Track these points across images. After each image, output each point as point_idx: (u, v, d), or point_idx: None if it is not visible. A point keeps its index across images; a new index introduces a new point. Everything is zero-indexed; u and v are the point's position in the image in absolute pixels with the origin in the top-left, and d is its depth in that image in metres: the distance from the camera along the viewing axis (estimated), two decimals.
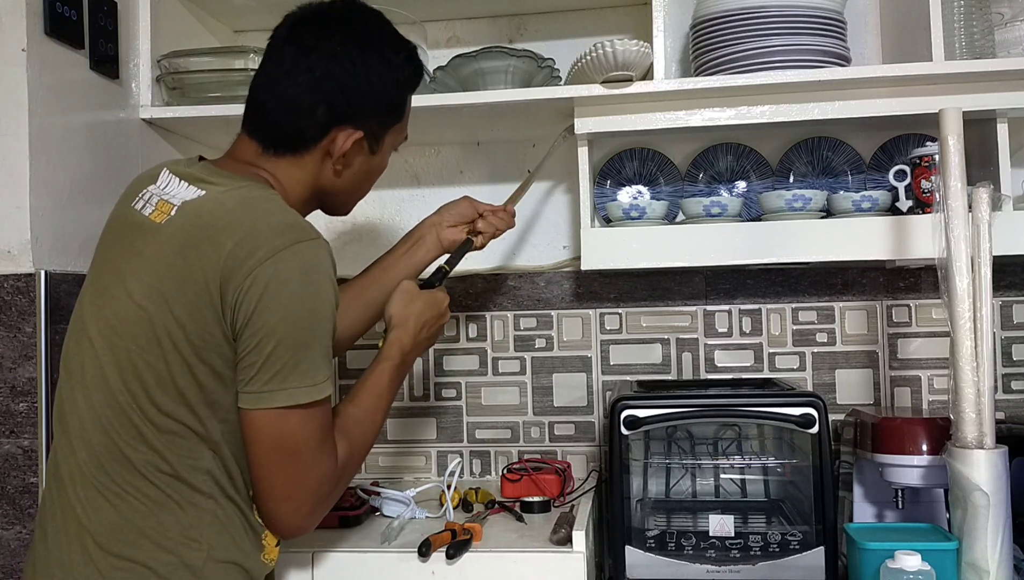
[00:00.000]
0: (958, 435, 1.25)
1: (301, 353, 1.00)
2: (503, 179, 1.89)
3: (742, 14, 1.50)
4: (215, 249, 0.99)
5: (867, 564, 1.26)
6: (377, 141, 1.18)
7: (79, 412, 1.04)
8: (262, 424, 1.00)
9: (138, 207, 1.09)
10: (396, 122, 1.20)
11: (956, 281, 1.26)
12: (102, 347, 1.03)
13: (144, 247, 1.04)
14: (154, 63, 1.62)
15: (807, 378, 1.78)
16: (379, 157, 1.21)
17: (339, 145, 1.12)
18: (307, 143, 1.12)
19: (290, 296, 0.99)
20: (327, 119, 1.11)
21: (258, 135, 1.13)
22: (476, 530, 1.39)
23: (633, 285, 1.83)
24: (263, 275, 0.98)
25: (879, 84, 1.51)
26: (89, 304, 1.07)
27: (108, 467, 1.01)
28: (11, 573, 1.30)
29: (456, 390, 1.88)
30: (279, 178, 1.13)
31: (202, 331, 0.99)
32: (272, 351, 0.99)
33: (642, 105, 1.57)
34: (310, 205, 1.19)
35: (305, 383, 1.00)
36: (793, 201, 1.54)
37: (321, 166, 1.14)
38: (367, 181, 1.23)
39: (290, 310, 0.99)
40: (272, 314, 0.98)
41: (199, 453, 1.02)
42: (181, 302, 0.99)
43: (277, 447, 1.01)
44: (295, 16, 1.16)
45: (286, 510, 1.04)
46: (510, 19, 1.87)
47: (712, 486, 1.65)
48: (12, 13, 1.30)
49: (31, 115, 1.31)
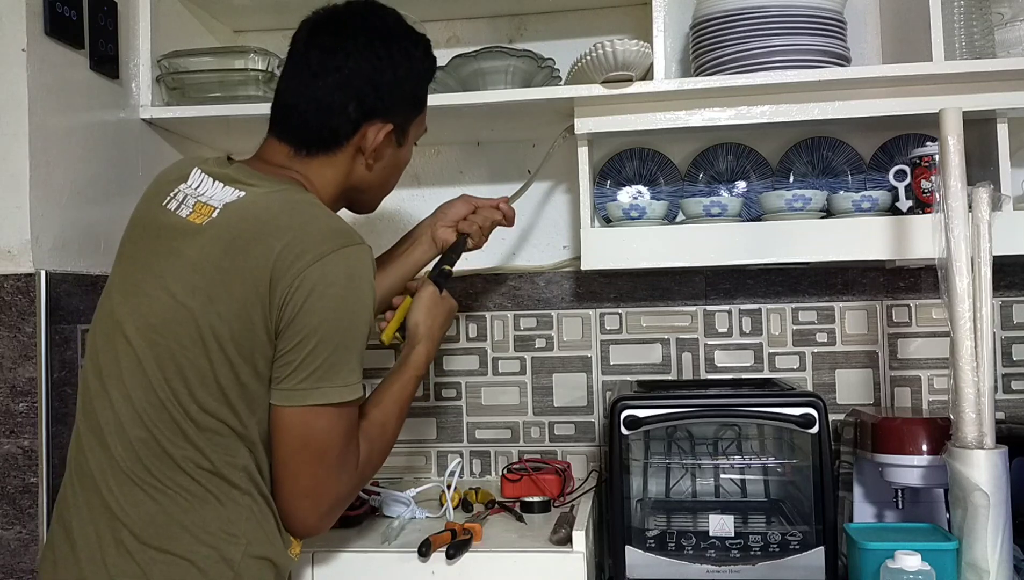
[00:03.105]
0: (958, 435, 1.25)
1: (339, 354, 1.03)
2: (503, 179, 1.89)
3: (742, 14, 1.50)
4: (264, 250, 1.01)
5: (867, 564, 1.26)
6: (403, 133, 1.22)
7: (114, 407, 1.05)
8: (293, 422, 1.03)
9: (171, 207, 1.10)
10: (419, 113, 1.25)
11: (956, 281, 1.26)
12: (141, 345, 1.04)
13: (184, 248, 1.05)
14: (154, 63, 1.62)
15: (807, 378, 1.78)
16: (405, 150, 1.25)
17: (371, 139, 1.16)
18: (340, 141, 1.15)
19: (334, 298, 1.02)
20: (358, 115, 1.15)
21: (289, 137, 1.16)
22: (476, 530, 1.39)
23: (633, 285, 1.83)
24: (311, 277, 1.01)
25: (879, 84, 1.51)
26: (121, 302, 1.08)
27: (147, 462, 1.02)
28: (11, 573, 1.30)
29: (456, 390, 1.88)
30: (311, 179, 1.15)
31: (247, 331, 1.01)
32: (312, 351, 1.01)
33: (642, 105, 1.57)
34: (339, 204, 1.22)
35: (338, 383, 1.03)
36: (793, 201, 1.54)
37: (353, 163, 1.18)
38: (394, 175, 1.27)
39: (333, 312, 1.02)
40: (315, 315, 1.01)
41: (237, 450, 1.04)
42: (227, 302, 1.01)
43: (305, 445, 1.03)
44: (313, 20, 1.19)
45: (305, 508, 1.06)
46: (510, 19, 1.87)
47: (712, 486, 1.65)
48: (12, 13, 1.30)
49: (31, 115, 1.31)
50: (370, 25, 1.18)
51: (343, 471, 1.07)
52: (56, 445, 1.31)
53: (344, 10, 1.20)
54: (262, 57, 1.62)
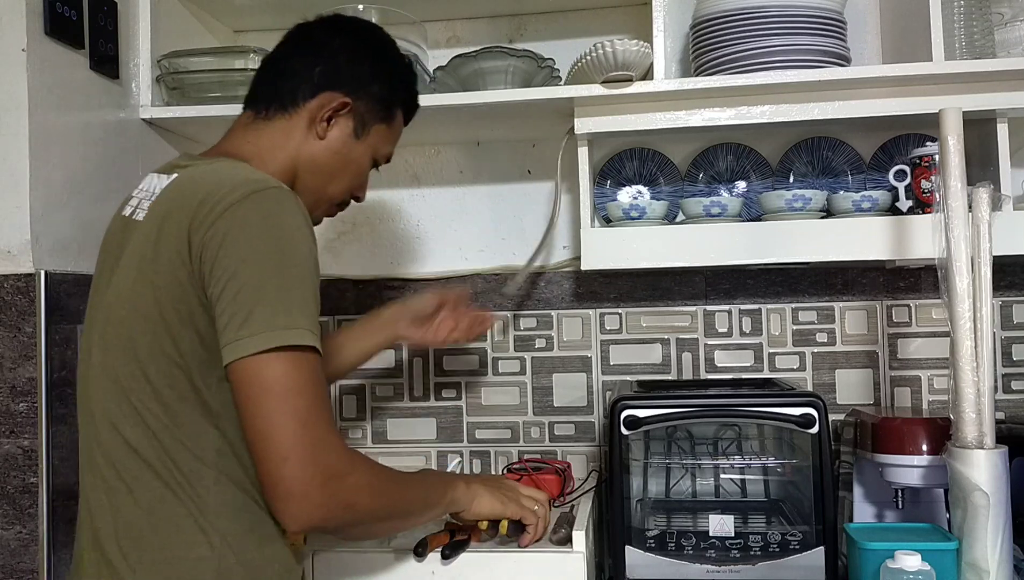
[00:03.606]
0: (958, 435, 1.25)
1: (271, 295, 0.95)
2: (503, 179, 1.89)
3: (742, 14, 1.50)
4: (183, 211, 1.00)
5: (867, 564, 1.26)
6: (363, 126, 1.21)
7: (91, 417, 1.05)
8: (245, 376, 0.94)
9: (126, 213, 1.12)
10: (383, 121, 1.23)
11: (956, 281, 1.26)
12: (101, 346, 1.04)
13: (128, 243, 1.06)
14: (154, 63, 1.62)
15: (807, 378, 1.78)
16: (361, 147, 1.21)
17: (326, 105, 1.16)
18: (296, 101, 1.16)
19: (250, 238, 0.96)
20: (320, 80, 1.16)
21: (253, 103, 1.19)
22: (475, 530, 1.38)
23: (633, 285, 1.83)
24: (223, 224, 0.96)
25: (879, 84, 1.51)
26: (88, 315, 1.11)
27: (119, 465, 1.02)
28: (11, 573, 1.30)
29: (456, 390, 1.88)
30: (262, 145, 1.15)
31: (181, 294, 0.98)
32: (237, 295, 0.94)
33: (642, 105, 1.57)
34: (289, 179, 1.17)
35: (279, 326, 0.94)
36: (793, 201, 1.54)
37: (306, 132, 1.17)
38: (344, 170, 1.21)
39: (252, 251, 0.95)
40: (232, 258, 0.95)
41: (204, 434, 1.00)
42: (159, 271, 0.99)
43: (265, 398, 0.93)
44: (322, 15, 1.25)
45: (288, 473, 0.93)
46: (510, 19, 1.87)
47: (712, 486, 1.65)
48: (12, 13, 1.30)
49: (31, 115, 1.31)
50: (358, 27, 1.24)
51: (324, 432, 0.95)
52: (56, 445, 1.31)
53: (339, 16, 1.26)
54: (262, 57, 1.61)
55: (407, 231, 1.91)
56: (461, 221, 1.90)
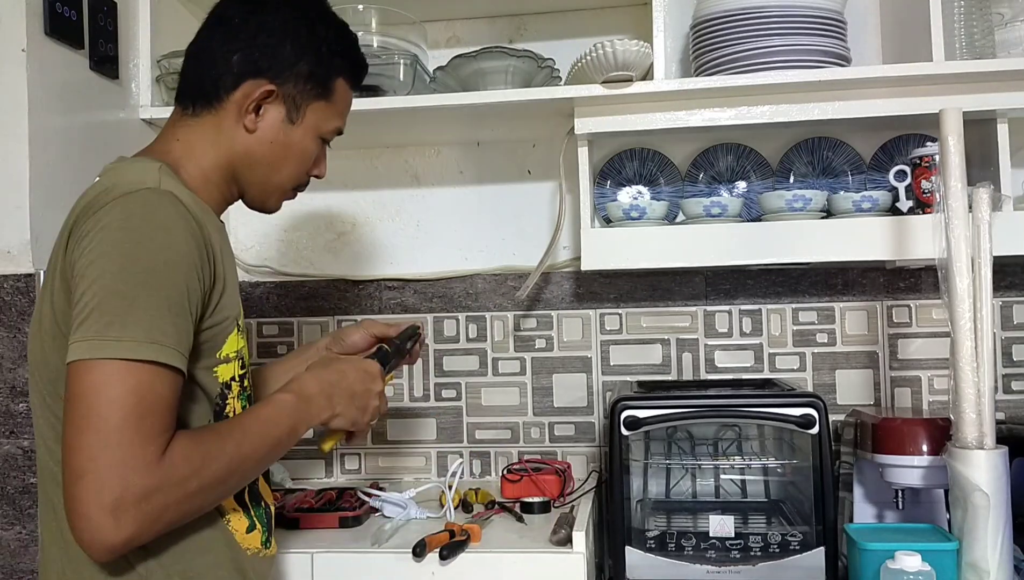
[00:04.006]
0: (958, 435, 1.25)
1: (116, 302, 0.88)
2: (503, 179, 1.89)
3: (742, 14, 1.50)
4: (72, 217, 0.98)
5: (867, 564, 1.26)
6: (296, 109, 1.12)
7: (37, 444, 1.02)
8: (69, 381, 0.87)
9: None
10: (320, 98, 1.13)
11: (956, 281, 1.26)
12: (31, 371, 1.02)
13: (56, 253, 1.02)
14: (154, 63, 1.62)
15: (807, 378, 1.78)
16: (299, 132, 1.12)
17: (250, 96, 1.08)
18: (219, 94, 1.08)
19: (101, 242, 0.90)
20: (240, 68, 1.08)
21: (180, 97, 1.12)
22: (474, 531, 1.39)
23: (633, 285, 1.83)
24: (87, 226, 0.92)
25: (879, 84, 1.51)
26: None
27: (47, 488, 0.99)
28: (11, 573, 1.30)
29: (456, 390, 1.88)
30: (193, 143, 1.09)
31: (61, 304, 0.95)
32: (82, 298, 0.89)
33: (642, 105, 1.57)
34: (229, 182, 1.12)
35: (111, 335, 0.86)
36: (793, 201, 1.54)
37: (235, 128, 1.09)
38: (285, 157, 1.13)
39: (101, 255, 0.90)
40: (85, 260, 0.90)
41: None
42: (52, 285, 0.97)
43: (77, 408, 0.86)
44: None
45: (79, 493, 0.83)
46: (510, 19, 1.87)
47: (712, 486, 1.65)
48: (12, 13, 1.30)
49: (31, 115, 1.31)
50: None
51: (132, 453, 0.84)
52: None
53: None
54: None
55: (407, 231, 1.91)
56: (461, 221, 1.90)
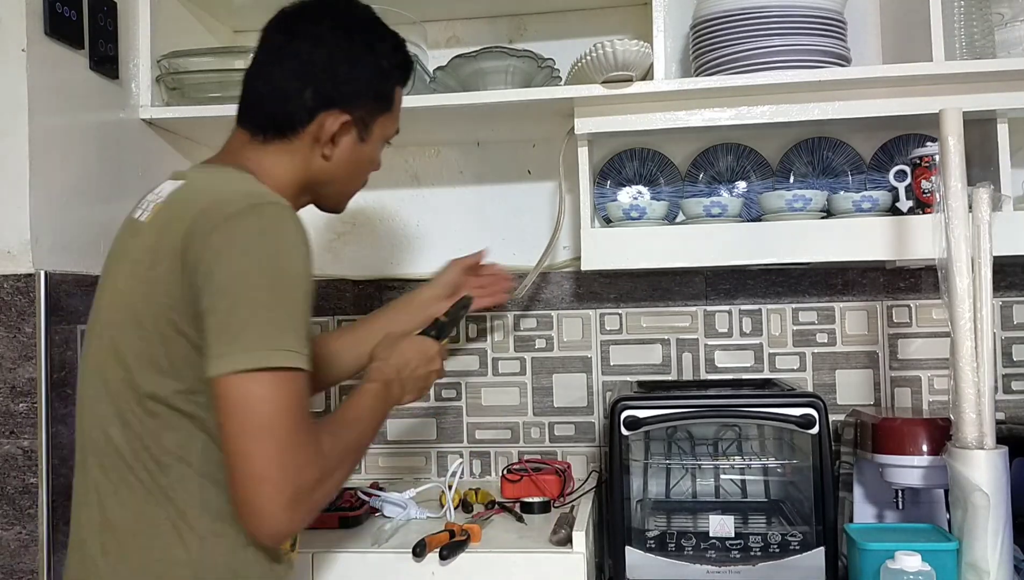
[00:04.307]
0: (958, 435, 1.25)
1: (262, 314, 0.94)
2: (503, 179, 1.89)
3: (742, 14, 1.50)
4: (181, 222, 0.99)
5: (867, 564, 1.26)
6: (366, 128, 1.18)
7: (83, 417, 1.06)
8: (228, 391, 0.93)
9: (136, 216, 1.11)
10: (384, 111, 1.20)
11: (956, 281, 1.26)
12: (96, 346, 1.05)
13: (131, 245, 1.06)
14: (154, 63, 1.62)
15: (807, 378, 1.78)
16: (369, 147, 1.20)
17: (327, 128, 1.13)
18: (295, 127, 1.13)
19: (244, 255, 0.95)
20: (314, 103, 1.12)
21: (248, 124, 1.15)
22: (474, 531, 1.39)
23: (633, 285, 1.83)
24: (219, 238, 0.95)
25: (879, 84, 1.51)
26: (91, 314, 1.10)
27: (106, 465, 1.02)
28: (11, 573, 1.30)
29: (456, 390, 1.88)
30: (266, 165, 1.12)
31: (174, 303, 0.98)
32: (230, 311, 0.93)
33: (642, 105, 1.57)
34: (302, 195, 1.18)
35: (268, 346, 0.93)
36: (793, 201, 1.54)
37: (310, 152, 1.14)
38: (358, 172, 1.22)
39: (245, 268, 0.95)
40: (225, 273, 0.94)
41: (188, 435, 0.99)
42: (156, 279, 0.99)
43: (247, 417, 0.93)
44: (286, 8, 1.18)
45: (263, 495, 0.92)
46: (510, 19, 1.87)
47: (712, 486, 1.65)
48: (12, 13, 1.30)
49: (31, 115, 1.31)
50: (336, 14, 1.16)
51: (301, 452, 0.94)
52: (56, 445, 1.31)
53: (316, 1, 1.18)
54: None
55: (407, 231, 1.91)
56: (461, 221, 1.90)
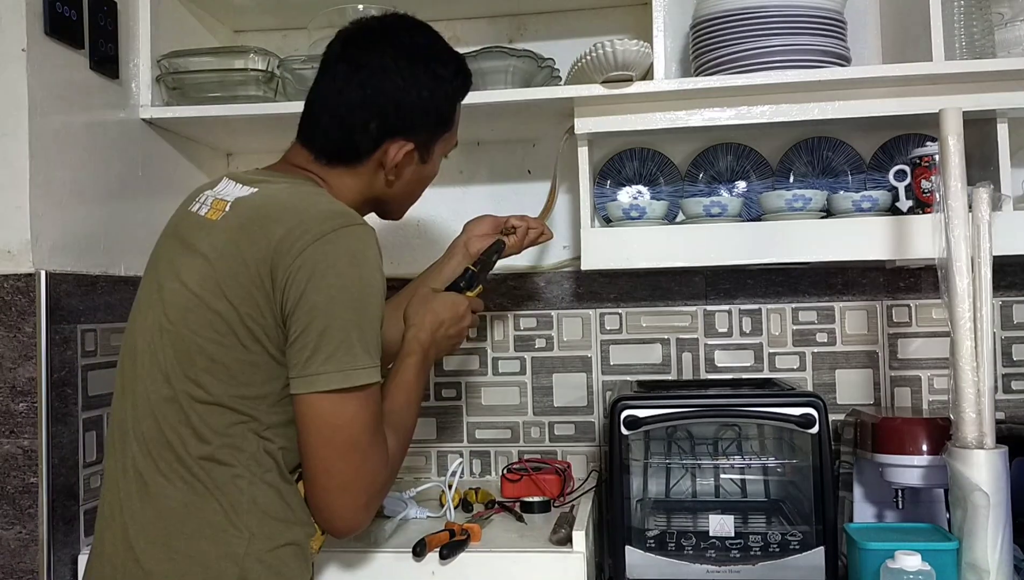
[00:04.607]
0: (958, 435, 1.25)
1: (353, 334, 1.00)
2: (503, 179, 1.89)
3: (742, 14, 1.50)
4: (265, 235, 1.02)
5: (867, 564, 1.26)
6: (428, 151, 1.21)
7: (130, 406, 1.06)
8: (319, 410, 1.00)
9: (194, 209, 1.12)
10: (446, 131, 1.24)
11: (956, 281, 1.26)
12: (156, 338, 1.05)
13: (198, 242, 1.07)
14: (154, 63, 1.62)
15: (807, 378, 1.78)
16: (430, 166, 1.24)
17: (391, 157, 1.16)
18: (360, 156, 1.16)
19: (338, 277, 1.00)
20: (379, 133, 1.15)
21: (312, 146, 1.17)
22: (475, 530, 1.39)
23: (633, 285, 1.83)
24: (311, 257, 1.00)
25: (879, 84, 1.51)
26: (144, 299, 1.11)
27: (155, 456, 1.03)
28: (11, 573, 1.30)
29: (456, 390, 1.88)
30: (334, 183, 1.16)
31: (254, 313, 1.01)
32: (323, 332, 0.99)
33: (642, 105, 1.57)
34: (365, 207, 1.22)
35: (359, 365, 1.00)
36: (793, 201, 1.54)
37: (374, 176, 1.18)
38: (419, 188, 1.27)
39: (339, 291, 1.00)
40: (321, 295, 0.99)
41: (243, 437, 1.03)
42: (234, 287, 1.01)
43: (336, 434, 1.00)
44: (347, 32, 1.20)
45: (344, 503, 1.02)
46: (510, 19, 1.87)
47: (712, 486, 1.65)
48: (12, 13, 1.30)
49: (31, 115, 1.31)
50: (400, 43, 1.17)
51: (377, 459, 1.03)
52: (56, 445, 1.31)
53: (377, 24, 1.20)
54: (262, 57, 1.62)
55: (407, 231, 1.91)
56: (461, 221, 1.89)
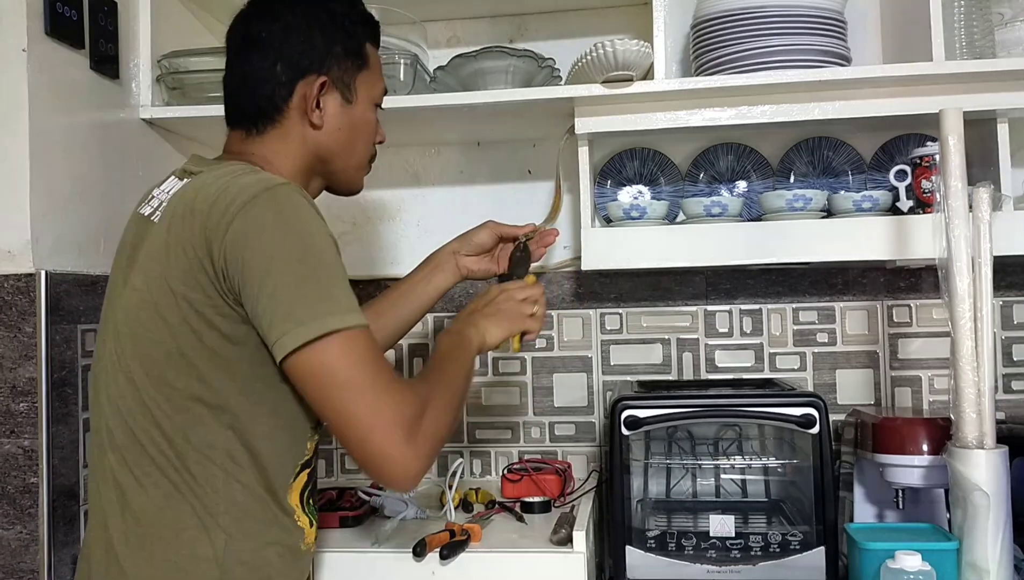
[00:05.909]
0: (958, 435, 1.25)
1: (306, 286, 0.97)
2: (503, 179, 1.89)
3: (742, 14, 1.50)
4: (194, 217, 1.01)
5: (867, 564, 1.26)
6: (347, 88, 1.18)
7: (104, 414, 1.06)
8: (303, 367, 0.97)
9: (143, 211, 1.12)
10: (361, 69, 1.20)
11: (956, 281, 1.26)
12: (114, 342, 1.05)
13: (142, 243, 1.07)
14: (154, 63, 1.62)
15: (808, 378, 1.78)
16: (358, 108, 1.20)
17: (309, 96, 1.14)
18: (279, 106, 1.14)
19: (271, 237, 0.98)
20: (288, 76, 1.14)
21: (238, 122, 1.17)
22: (475, 530, 1.39)
23: (633, 285, 1.83)
24: (240, 227, 0.98)
25: (879, 84, 1.51)
26: (105, 308, 1.11)
27: (130, 462, 1.02)
28: (11, 573, 1.30)
29: None
30: (268, 156, 1.14)
31: (202, 298, 0.99)
32: (273, 294, 0.96)
33: (642, 105, 1.57)
34: (312, 178, 1.20)
35: (322, 312, 0.96)
36: (794, 201, 1.54)
37: (302, 127, 1.15)
38: (356, 137, 1.21)
39: (277, 249, 0.97)
40: (259, 259, 0.97)
41: (215, 432, 1.01)
42: (178, 276, 1.00)
43: (327, 383, 0.97)
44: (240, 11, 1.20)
45: (376, 443, 0.96)
46: (510, 19, 1.87)
47: (713, 486, 1.65)
48: (12, 13, 1.30)
49: (31, 115, 1.31)
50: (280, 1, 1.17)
51: (391, 392, 0.98)
52: (56, 445, 1.31)
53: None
54: None
55: (407, 231, 1.91)
56: (461, 221, 1.88)
